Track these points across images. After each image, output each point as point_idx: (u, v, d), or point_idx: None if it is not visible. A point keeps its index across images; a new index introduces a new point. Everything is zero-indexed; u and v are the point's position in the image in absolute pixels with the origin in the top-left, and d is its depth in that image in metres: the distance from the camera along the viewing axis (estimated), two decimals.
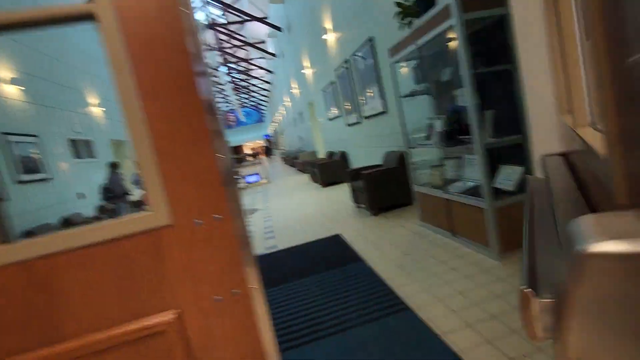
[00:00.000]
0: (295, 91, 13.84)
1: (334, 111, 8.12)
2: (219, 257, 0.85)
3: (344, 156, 7.87)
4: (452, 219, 2.99)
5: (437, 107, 3.36)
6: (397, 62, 3.40)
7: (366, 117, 5.95)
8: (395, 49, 3.31)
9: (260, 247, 4.14)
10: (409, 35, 2.98)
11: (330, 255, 3.35)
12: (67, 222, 6.26)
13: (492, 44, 2.57)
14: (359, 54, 5.56)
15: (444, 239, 3.14)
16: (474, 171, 3.00)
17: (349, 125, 7.12)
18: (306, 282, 2.80)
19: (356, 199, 4.98)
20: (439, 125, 3.17)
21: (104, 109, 9.53)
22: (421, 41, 2.80)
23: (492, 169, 2.55)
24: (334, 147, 9.06)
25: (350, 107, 6.75)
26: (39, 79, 6.67)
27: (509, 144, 2.53)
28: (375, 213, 4.43)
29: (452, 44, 2.82)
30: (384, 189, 4.36)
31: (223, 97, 33.74)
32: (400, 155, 4.39)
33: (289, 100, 17.25)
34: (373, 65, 5.09)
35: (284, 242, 4.16)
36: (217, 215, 0.84)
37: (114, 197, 6.86)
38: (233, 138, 47.74)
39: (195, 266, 0.84)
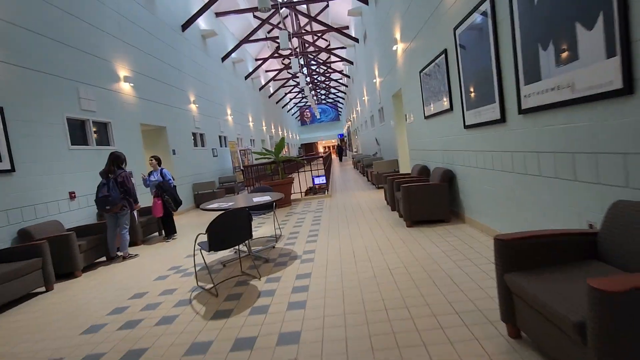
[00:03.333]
0: (377, 81, 10.84)
1: (440, 103, 4.97)
2: None
3: (448, 178, 4.70)
4: None
5: None
6: None
7: (529, 111, 2.76)
8: None
9: None
10: None
11: None
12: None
13: None
14: None
15: None
16: None
17: (470, 127, 3.96)
18: None
19: (507, 309, 1.88)
20: None
21: (197, 106, 10.68)
22: None
23: None
24: (430, 160, 5.89)
25: (473, 92, 3.60)
26: (156, 81, 4.88)
27: None
28: None
29: None
30: None
31: (299, 91, 32.10)
32: None
33: (366, 94, 14.31)
34: None
35: None
36: None
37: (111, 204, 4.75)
38: (307, 135, 46.42)
39: None
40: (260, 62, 20.28)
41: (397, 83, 7.83)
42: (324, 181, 9.71)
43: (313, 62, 25.91)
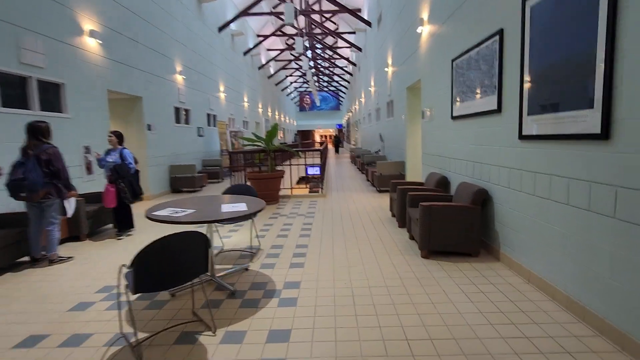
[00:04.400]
0: (389, 70, 9.65)
1: (480, 101, 3.85)
2: None
3: (482, 200, 3.60)
4: None
5: None
6: None
7: None
8: None
9: None
10: None
11: None
12: None
13: None
14: None
15: None
16: None
17: (530, 138, 2.86)
18: None
19: None
20: None
21: (184, 77, 9.67)
22: None
23: None
24: (452, 171, 4.80)
25: (543, 90, 2.48)
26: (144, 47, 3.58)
27: None
28: None
29: None
30: None
31: (301, 75, 30.63)
32: None
33: (374, 84, 13.12)
34: None
35: None
36: None
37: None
38: (304, 122, 45.02)
39: None
40: (262, 38, 18.82)
41: (416, 73, 6.68)
42: (318, 172, 8.69)
43: (318, 46, 24.47)
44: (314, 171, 12.51)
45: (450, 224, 3.53)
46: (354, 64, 21.41)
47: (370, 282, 3.05)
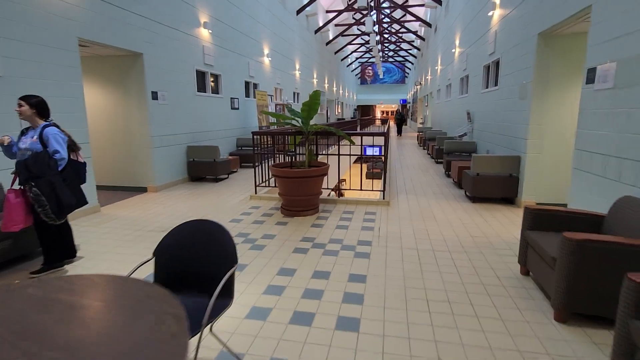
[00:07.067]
0: (495, 15, 6.48)
1: None
2: None
3: None
4: None
5: None
6: None
7: None
8: None
9: None
10: None
11: None
12: None
13: None
14: None
15: None
16: None
17: None
18: None
19: None
20: None
21: (211, 32, 7.35)
22: None
23: None
24: None
25: None
26: None
27: None
28: None
29: None
30: None
31: (362, 43, 27.23)
32: None
33: (459, 45, 9.82)
34: None
35: None
36: None
37: None
38: (365, 96, 41.58)
39: None
40: None
41: (573, 2, 3.65)
42: (379, 152, 6.38)
43: (385, 7, 20.92)
44: (375, 151, 10.57)
45: None
46: (428, 25, 17.68)
47: None
